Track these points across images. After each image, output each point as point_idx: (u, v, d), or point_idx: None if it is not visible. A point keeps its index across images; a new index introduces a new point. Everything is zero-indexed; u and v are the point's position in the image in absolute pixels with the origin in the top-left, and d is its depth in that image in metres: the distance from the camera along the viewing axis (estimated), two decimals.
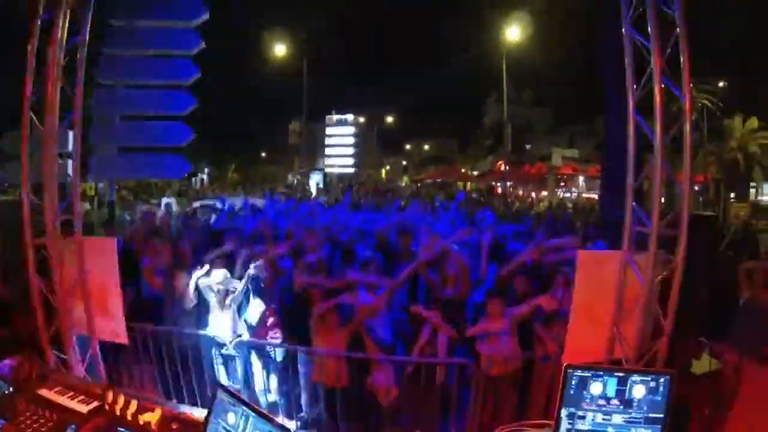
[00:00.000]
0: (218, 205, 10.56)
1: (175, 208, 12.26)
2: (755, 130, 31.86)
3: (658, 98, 4.38)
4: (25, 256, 4.52)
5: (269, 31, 31.56)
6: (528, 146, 47.54)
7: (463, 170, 49.66)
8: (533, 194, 33.95)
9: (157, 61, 9.61)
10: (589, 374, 2.68)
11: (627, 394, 2.63)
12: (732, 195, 31.74)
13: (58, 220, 4.55)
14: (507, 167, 33.36)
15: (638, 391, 2.62)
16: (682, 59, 4.37)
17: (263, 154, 61.20)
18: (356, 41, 58.06)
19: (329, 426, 5.22)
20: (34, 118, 4.53)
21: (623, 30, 4.56)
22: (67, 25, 4.51)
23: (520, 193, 34.94)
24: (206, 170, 48.68)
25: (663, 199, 4.61)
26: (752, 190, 34.09)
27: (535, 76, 40.68)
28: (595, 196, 31.34)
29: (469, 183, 43.26)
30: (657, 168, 4.41)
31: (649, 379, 2.62)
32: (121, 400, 2.75)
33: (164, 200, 13.21)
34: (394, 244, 6.72)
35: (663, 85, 4.35)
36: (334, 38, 49.42)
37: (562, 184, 38.25)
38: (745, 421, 4.50)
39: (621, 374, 2.66)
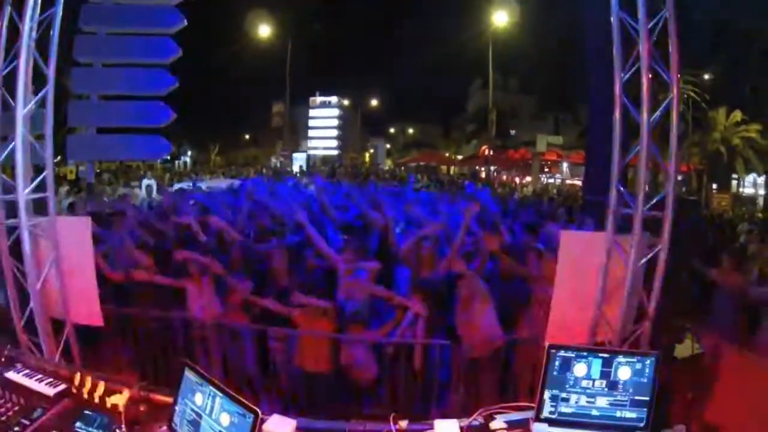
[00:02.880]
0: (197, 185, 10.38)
1: (155, 190, 12.04)
2: (738, 123, 32.33)
3: (644, 79, 4.34)
4: None
5: (254, 10, 31.07)
6: (513, 132, 47.59)
7: (446, 154, 49.63)
8: (517, 179, 34.04)
9: (137, 40, 9.36)
10: (573, 354, 2.63)
11: (612, 376, 2.59)
12: (714, 186, 32.18)
13: (30, 199, 4.39)
14: (491, 152, 33.37)
15: (624, 373, 2.58)
16: (670, 41, 4.35)
17: (246, 137, 60.57)
18: (341, 23, 57.31)
19: (308, 408, 5.19)
20: (7, 96, 4.35)
21: (612, 11, 4.49)
22: None
23: (504, 178, 35.01)
24: (189, 153, 48.10)
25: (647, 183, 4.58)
26: (734, 182, 34.63)
27: (521, 63, 40.50)
28: (579, 183, 31.53)
29: (452, 167, 43.27)
30: (643, 149, 4.38)
31: (635, 360, 2.58)
32: (89, 382, 2.67)
33: (144, 182, 12.96)
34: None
35: (650, 68, 4.33)
36: (319, 20, 48.71)
37: (546, 170, 38.38)
38: (726, 406, 4.53)
39: (606, 355, 2.62)
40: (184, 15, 9.64)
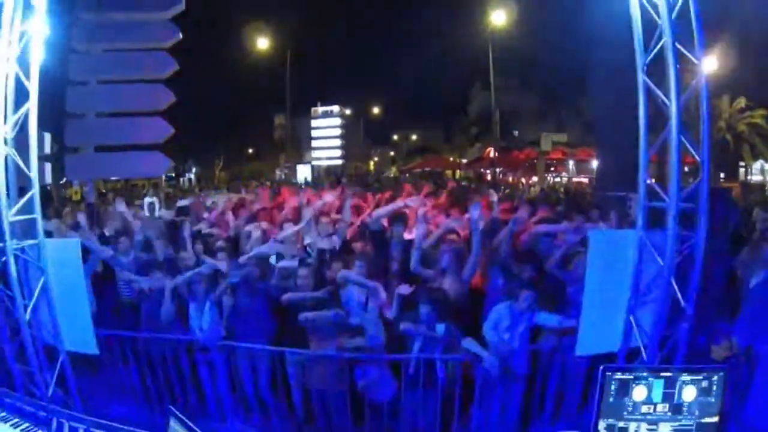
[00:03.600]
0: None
1: (158, 207, 11.76)
2: (743, 110, 31.90)
3: (670, 58, 4.02)
4: None
5: (252, 23, 30.98)
6: (516, 132, 47.24)
7: (451, 159, 49.32)
8: (523, 180, 33.64)
9: (132, 55, 9.16)
10: (631, 377, 2.26)
11: (676, 398, 2.22)
12: (722, 175, 31.71)
13: (15, 221, 4.11)
14: (496, 154, 33.03)
15: (689, 394, 2.22)
16: (694, 18, 4.03)
17: (250, 151, 60.48)
18: (339, 32, 57.43)
19: (324, 429, 4.92)
20: None
21: None
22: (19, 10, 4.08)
23: (510, 179, 34.62)
24: (193, 169, 48.01)
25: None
26: (741, 170, 34.19)
27: (520, 62, 40.22)
28: (586, 180, 31.12)
29: (458, 171, 42.95)
30: (673, 137, 4.04)
31: (701, 378, 2.22)
32: (66, 427, 2.35)
33: (146, 200, 12.69)
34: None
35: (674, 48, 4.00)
36: (317, 30, 48.73)
37: (552, 169, 37.94)
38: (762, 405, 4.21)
39: (668, 374, 2.26)
40: (180, 29, 9.45)
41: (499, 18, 26.16)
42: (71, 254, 4.25)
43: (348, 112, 69.15)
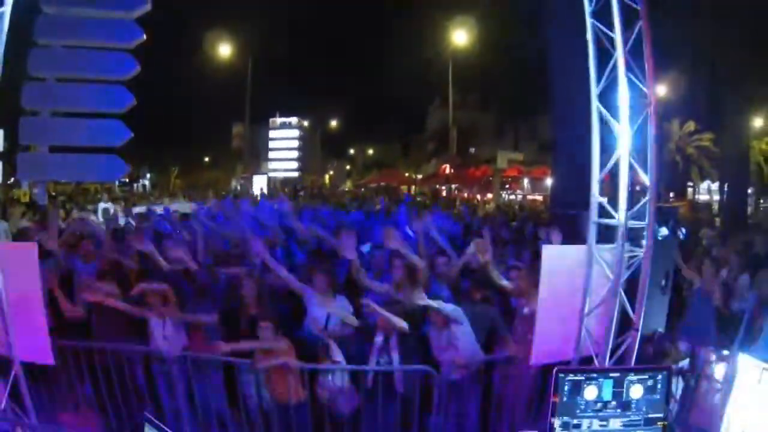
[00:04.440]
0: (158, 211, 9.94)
1: (112, 213, 11.51)
2: (692, 133, 33.68)
3: (622, 88, 4.32)
4: None
5: (214, 30, 30.72)
6: (472, 149, 48.16)
7: (406, 174, 49.85)
8: (478, 196, 34.29)
9: (94, 54, 8.96)
10: (583, 377, 2.47)
11: (624, 396, 2.44)
12: (671, 194, 33.29)
13: None
14: (452, 170, 33.59)
15: (636, 392, 2.45)
16: (645, 51, 4.33)
17: (206, 159, 59.58)
18: (301, 44, 57.42)
19: None
20: None
21: (587, 21, 4.44)
22: None
23: (465, 195, 35.23)
24: (148, 175, 46.92)
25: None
26: (690, 190, 36.03)
27: (479, 80, 41.16)
28: (540, 198, 31.98)
29: (413, 187, 43.41)
30: (624, 160, 4.32)
31: (647, 377, 2.44)
32: None
33: (101, 205, 12.40)
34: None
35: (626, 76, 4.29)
36: (278, 40, 48.61)
37: (507, 186, 38.83)
38: (707, 412, 4.46)
39: (617, 375, 2.47)
40: (143, 31, 9.32)
41: (460, 37, 26.75)
42: (28, 259, 4.10)
43: (306, 124, 69.03)
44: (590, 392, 2.48)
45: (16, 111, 8.84)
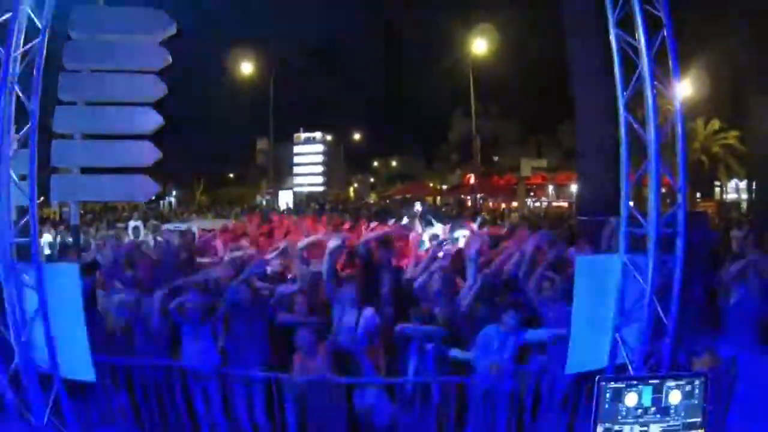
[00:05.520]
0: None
1: (142, 231, 11.74)
2: (717, 132, 33.00)
3: (649, 97, 4.32)
4: None
5: (236, 48, 31.29)
6: (496, 158, 48.02)
7: (431, 185, 49.82)
8: (503, 205, 34.11)
9: (121, 77, 9.21)
10: (623, 385, 2.50)
11: (663, 402, 2.48)
12: (698, 195, 32.64)
13: (14, 243, 4.15)
14: (476, 180, 33.50)
15: (674, 397, 2.49)
16: (670, 58, 4.32)
17: (231, 175, 60.43)
18: (322, 58, 58.07)
19: None
20: None
21: (611, 31, 4.46)
22: (24, 29, 4.18)
23: (491, 205, 35.08)
24: (174, 193, 47.74)
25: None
26: (717, 189, 35.24)
27: (500, 89, 41.10)
28: (565, 204, 31.69)
29: (438, 197, 43.37)
30: (652, 167, 4.32)
31: (684, 383, 2.47)
32: None
33: (131, 224, 12.65)
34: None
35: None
36: (300, 56, 49.30)
37: (532, 194, 38.59)
38: (745, 416, 4.39)
39: (656, 381, 2.50)
40: (170, 53, 9.54)
41: (480, 46, 26.77)
42: (69, 279, 4.24)
43: (329, 138, 69.58)
44: (630, 399, 2.54)
45: (48, 134, 9.10)
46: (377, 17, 51.34)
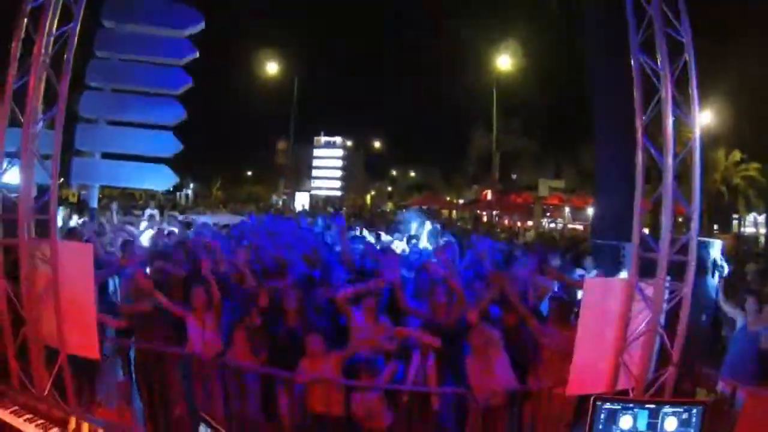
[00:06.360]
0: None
1: (158, 220, 11.87)
2: (738, 163, 32.48)
3: (669, 122, 4.28)
4: None
5: (262, 48, 31.60)
6: (514, 176, 47.77)
7: (448, 198, 49.71)
8: (519, 223, 33.97)
9: (149, 68, 9.39)
10: (619, 407, 2.48)
11: (659, 428, 2.43)
12: (716, 227, 32.08)
13: (33, 220, 4.24)
14: (493, 196, 33.39)
15: (670, 424, 2.45)
16: (690, 84, 4.30)
17: (249, 173, 60.78)
18: (346, 65, 58.37)
19: None
20: (17, 111, 4.24)
21: (632, 54, 4.45)
22: (57, 12, 4.27)
23: (506, 222, 34.95)
24: (191, 185, 48.15)
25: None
26: (734, 222, 34.65)
27: (522, 106, 40.95)
28: (581, 227, 31.45)
29: (454, 211, 43.26)
30: (668, 193, 4.27)
31: (682, 410, 2.43)
32: (86, 427, 2.40)
33: (148, 212, 12.82)
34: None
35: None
36: (325, 60, 49.63)
37: (548, 214, 38.38)
38: None
39: (652, 406, 2.46)
40: (196, 49, 9.71)
41: (504, 62, 26.77)
42: (83, 259, 4.31)
43: (349, 143, 69.76)
44: (625, 422, 2.49)
45: (72, 118, 9.28)
46: (403, 28, 51.56)
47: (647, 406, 2.49)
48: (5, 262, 4.29)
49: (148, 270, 6.14)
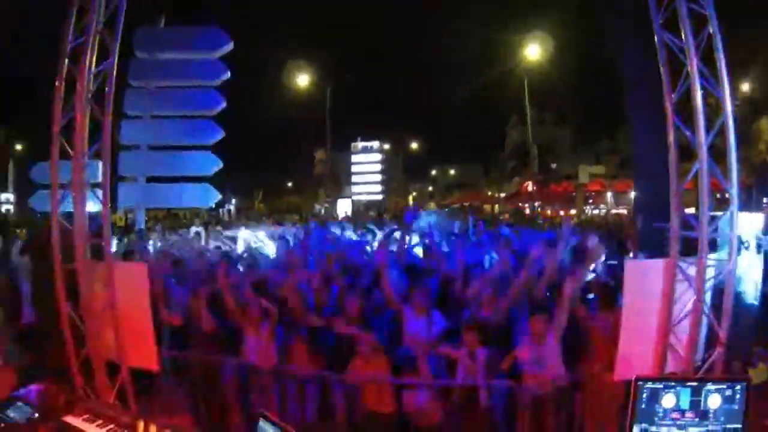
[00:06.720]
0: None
1: (204, 237, 12.26)
2: None
3: (697, 98, 4.23)
4: (55, 281, 4.47)
5: (293, 59, 32.02)
6: (553, 165, 47.06)
7: (489, 193, 49.37)
8: (562, 213, 33.40)
9: (183, 92, 9.73)
10: (661, 386, 2.46)
11: (702, 405, 2.41)
12: (765, 200, 30.67)
13: (88, 244, 4.51)
14: (534, 188, 32.99)
15: (714, 401, 2.41)
16: (717, 57, 4.23)
17: (289, 184, 61.72)
18: (379, 68, 58.62)
19: None
20: (66, 144, 4.53)
21: (655, 33, 4.41)
22: (95, 50, 4.55)
23: (549, 212, 34.43)
24: (233, 200, 49.17)
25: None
26: None
27: (555, 95, 40.29)
28: (625, 212, 30.68)
29: (496, 205, 42.93)
30: (703, 170, 4.21)
31: (725, 387, 2.40)
32: (153, 430, 2.59)
33: (193, 229, 13.25)
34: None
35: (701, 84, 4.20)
36: (357, 66, 50.03)
37: (590, 201, 37.61)
38: None
39: (694, 384, 2.44)
40: (228, 68, 10.01)
41: (534, 53, 26.44)
42: (138, 277, 4.59)
43: (387, 147, 69.97)
44: (668, 400, 2.46)
45: (115, 146, 9.71)
46: (432, 26, 51.46)
47: (689, 384, 2.46)
48: (66, 285, 4.57)
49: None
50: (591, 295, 5.63)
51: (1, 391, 2.98)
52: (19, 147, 24.56)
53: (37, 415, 2.71)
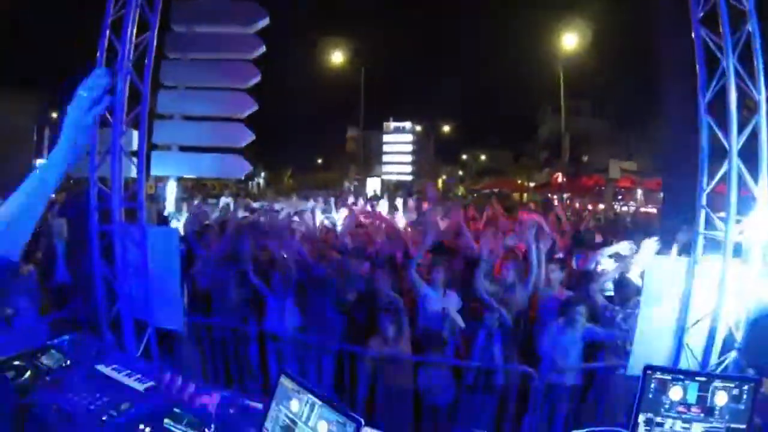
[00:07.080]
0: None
1: (232, 207, 12.51)
2: None
3: (732, 95, 4.16)
4: (89, 241, 4.69)
5: (329, 37, 32.00)
6: (585, 158, 46.22)
7: (519, 181, 48.86)
8: (590, 206, 32.89)
9: (218, 65, 9.84)
10: (669, 377, 2.49)
11: (709, 401, 2.44)
12: None
13: (123, 207, 4.71)
14: (564, 179, 32.53)
15: (720, 398, 2.43)
16: (755, 56, 4.15)
17: (319, 161, 61.97)
18: (414, 50, 58.22)
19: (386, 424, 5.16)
20: (105, 113, 4.70)
21: (693, 28, 4.34)
22: (136, 22, 4.70)
23: (577, 205, 33.92)
24: (263, 174, 49.59)
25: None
26: None
27: (592, 86, 39.46)
28: (654, 211, 30.09)
29: (525, 194, 42.47)
30: (732, 171, 4.17)
31: (733, 385, 2.42)
32: (179, 381, 2.73)
33: (222, 200, 13.52)
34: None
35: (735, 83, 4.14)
36: (392, 46, 49.72)
37: (620, 197, 36.89)
38: None
39: (703, 379, 2.47)
40: (263, 42, 10.08)
41: (571, 41, 25.91)
42: (169, 240, 4.81)
43: (418, 128, 69.60)
44: (675, 393, 2.48)
45: (150, 115, 9.91)
46: (470, 11, 50.74)
47: (698, 378, 2.48)
48: (101, 245, 4.78)
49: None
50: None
51: (36, 340, 3.15)
52: (54, 115, 25.15)
53: (69, 362, 2.86)
